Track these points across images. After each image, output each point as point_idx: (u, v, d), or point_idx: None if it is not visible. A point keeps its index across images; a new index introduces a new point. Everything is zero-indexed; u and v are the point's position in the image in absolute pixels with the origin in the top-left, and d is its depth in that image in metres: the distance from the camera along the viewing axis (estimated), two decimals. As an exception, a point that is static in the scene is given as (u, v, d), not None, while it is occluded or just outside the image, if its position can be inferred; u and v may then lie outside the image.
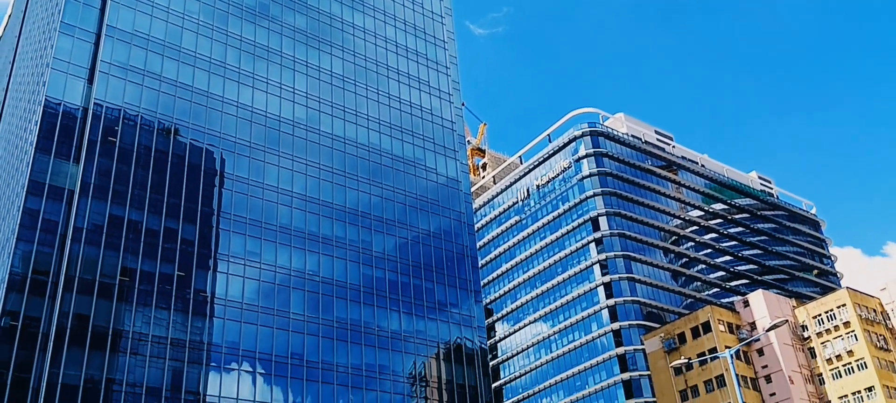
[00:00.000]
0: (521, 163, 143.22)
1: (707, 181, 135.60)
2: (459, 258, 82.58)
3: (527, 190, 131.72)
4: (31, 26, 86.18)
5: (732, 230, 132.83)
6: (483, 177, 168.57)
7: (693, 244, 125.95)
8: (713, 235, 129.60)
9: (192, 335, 62.99)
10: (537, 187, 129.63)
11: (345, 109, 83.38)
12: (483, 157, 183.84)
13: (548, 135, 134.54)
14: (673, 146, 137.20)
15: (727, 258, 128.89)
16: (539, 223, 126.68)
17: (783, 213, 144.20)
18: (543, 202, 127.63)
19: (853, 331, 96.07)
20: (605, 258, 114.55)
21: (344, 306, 72.17)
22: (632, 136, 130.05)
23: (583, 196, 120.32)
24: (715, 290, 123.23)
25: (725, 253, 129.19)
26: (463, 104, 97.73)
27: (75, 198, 62.31)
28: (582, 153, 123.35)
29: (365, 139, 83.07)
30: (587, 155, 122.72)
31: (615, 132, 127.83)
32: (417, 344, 74.72)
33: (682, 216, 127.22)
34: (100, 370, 57.73)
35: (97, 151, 64.96)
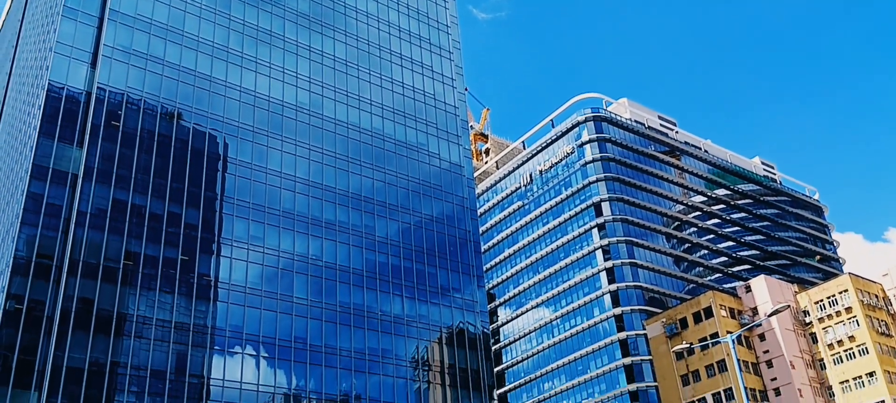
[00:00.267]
0: (524, 149, 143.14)
1: (710, 166, 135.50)
2: (462, 243, 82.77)
3: (529, 175, 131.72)
4: (34, 10, 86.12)
5: (735, 215, 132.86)
6: (486, 163, 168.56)
7: (695, 229, 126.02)
8: (716, 221, 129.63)
9: (196, 319, 63.34)
10: (540, 172, 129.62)
11: (347, 94, 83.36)
12: (486, 143, 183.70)
13: (551, 121, 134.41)
14: (676, 131, 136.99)
15: (729, 243, 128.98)
16: (542, 208, 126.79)
17: (786, 199, 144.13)
18: (546, 187, 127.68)
19: (855, 317, 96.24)
20: (608, 243, 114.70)
21: (347, 290, 72.48)
22: (635, 122, 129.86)
23: (586, 181, 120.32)
24: (717, 276, 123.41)
25: (728, 238, 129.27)
26: (466, 89, 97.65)
27: (79, 183, 62.50)
28: (585, 138, 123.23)
29: (368, 124, 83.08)
30: (590, 140, 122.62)
31: (618, 117, 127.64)
32: (420, 329, 75.05)
33: (685, 201, 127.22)
34: (104, 353, 58.13)
35: (100, 136, 65.09)
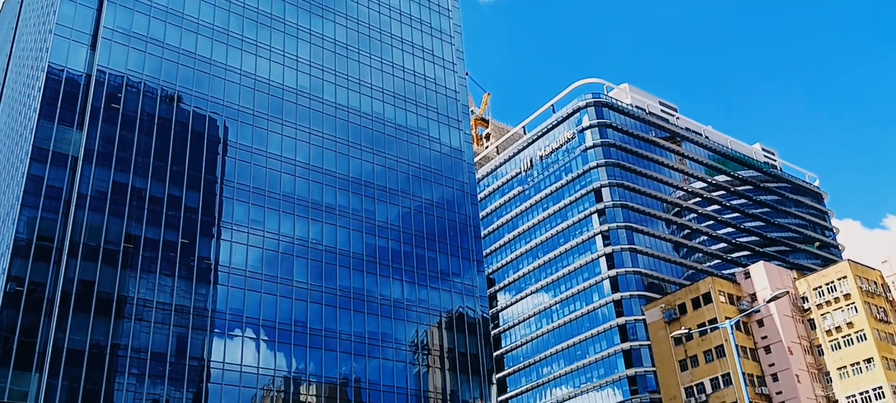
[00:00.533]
0: (525, 134, 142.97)
1: (710, 153, 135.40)
2: (462, 228, 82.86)
3: (530, 160, 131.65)
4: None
5: (735, 202, 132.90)
6: (486, 148, 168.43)
7: (695, 215, 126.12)
8: (715, 207, 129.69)
9: (197, 302, 63.52)
10: (540, 158, 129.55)
11: (348, 78, 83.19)
12: (486, 127, 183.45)
13: (552, 106, 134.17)
14: (677, 117, 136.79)
15: (729, 229, 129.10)
16: (542, 194, 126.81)
17: (786, 185, 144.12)
18: (546, 173, 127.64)
19: (853, 303, 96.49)
20: (608, 229, 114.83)
21: (347, 274, 72.63)
22: (636, 107, 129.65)
23: (586, 167, 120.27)
24: (716, 262, 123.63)
25: (727, 224, 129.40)
26: (467, 73, 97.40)
27: (79, 165, 62.51)
28: (585, 124, 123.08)
29: (368, 108, 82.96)
30: (591, 126, 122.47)
31: (619, 103, 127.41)
32: (420, 313, 75.27)
33: (685, 187, 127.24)
34: (105, 335, 58.34)
35: (100, 118, 65.03)
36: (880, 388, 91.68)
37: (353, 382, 69.16)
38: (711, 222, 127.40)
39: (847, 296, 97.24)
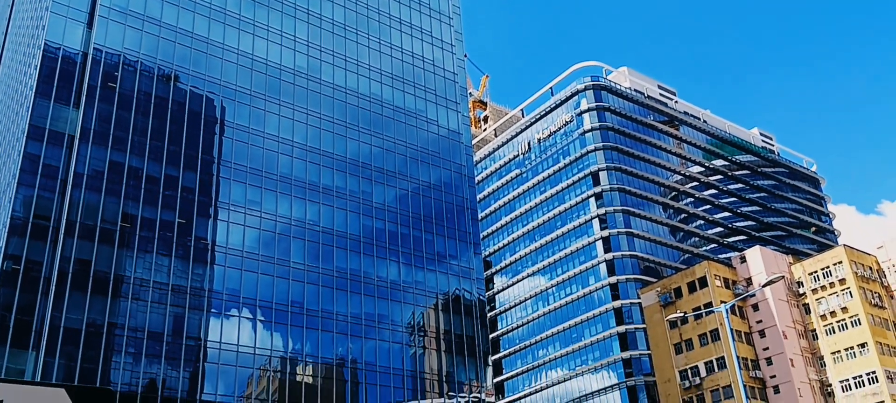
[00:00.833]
0: (523, 117, 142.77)
1: (708, 137, 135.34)
2: (459, 210, 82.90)
3: (528, 143, 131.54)
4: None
5: (732, 186, 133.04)
6: (484, 130, 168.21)
7: (692, 200, 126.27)
8: (713, 191, 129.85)
9: (193, 282, 63.61)
10: (538, 141, 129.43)
11: (346, 58, 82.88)
12: (485, 110, 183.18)
13: (550, 89, 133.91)
14: (676, 101, 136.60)
15: (726, 214, 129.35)
16: (539, 177, 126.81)
17: (783, 170, 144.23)
18: (544, 156, 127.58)
19: (848, 288, 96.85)
20: (605, 212, 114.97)
21: (344, 256, 72.73)
22: (634, 91, 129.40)
23: (584, 150, 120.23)
24: (713, 246, 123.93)
25: (724, 209, 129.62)
26: (465, 55, 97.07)
27: (75, 144, 62.35)
28: (584, 107, 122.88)
29: (366, 89, 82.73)
30: (589, 109, 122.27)
31: (618, 86, 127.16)
32: (416, 295, 75.47)
33: (683, 172, 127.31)
34: (102, 314, 58.45)
35: (97, 97, 64.80)
36: (874, 373, 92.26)
37: (350, 363, 69.45)
38: (708, 206, 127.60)
39: (842, 281, 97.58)
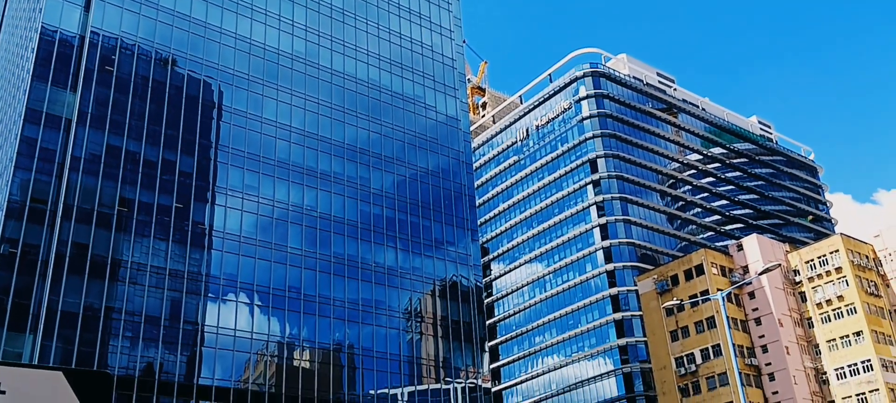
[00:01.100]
0: (522, 103, 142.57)
1: (707, 125, 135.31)
2: (457, 196, 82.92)
3: (526, 130, 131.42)
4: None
5: (730, 174, 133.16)
6: (483, 117, 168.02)
7: (690, 187, 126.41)
8: (710, 179, 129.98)
9: (191, 266, 63.66)
10: (537, 127, 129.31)
11: (344, 44, 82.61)
12: (483, 96, 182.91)
13: (549, 75, 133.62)
14: (674, 89, 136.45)
15: (723, 202, 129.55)
16: (537, 163, 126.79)
17: (781, 158, 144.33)
18: (542, 143, 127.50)
19: (845, 277, 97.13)
20: (602, 200, 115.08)
21: (341, 241, 72.78)
22: (633, 78, 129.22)
23: (582, 137, 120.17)
24: (710, 234, 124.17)
25: (722, 197, 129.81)
26: (464, 41, 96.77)
27: (73, 127, 62.21)
28: (582, 94, 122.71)
29: (364, 74, 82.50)
30: (588, 96, 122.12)
31: (617, 73, 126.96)
32: (413, 281, 75.58)
33: (681, 159, 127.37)
34: (99, 298, 58.51)
35: (94, 80, 64.58)
36: (869, 361, 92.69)
37: (347, 348, 69.64)
38: (706, 194, 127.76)
39: (838, 270, 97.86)
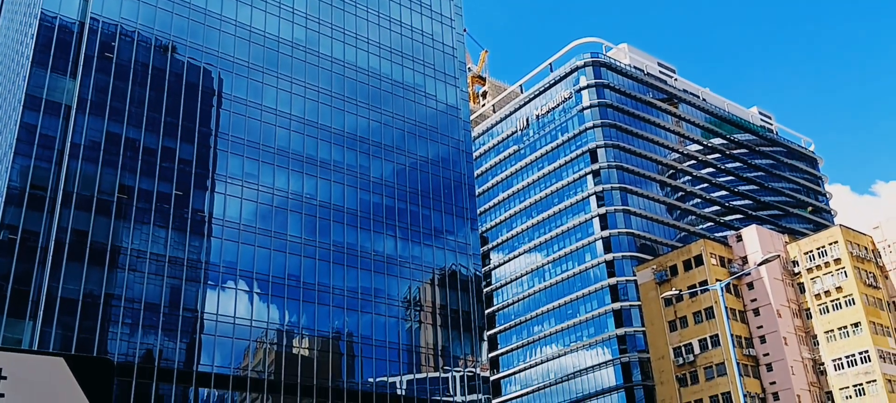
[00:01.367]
0: (522, 93, 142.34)
1: (707, 115, 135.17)
2: (456, 186, 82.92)
3: (526, 119, 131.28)
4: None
5: (730, 165, 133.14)
6: (483, 106, 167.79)
7: (690, 178, 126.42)
8: (710, 170, 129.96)
9: (190, 254, 63.72)
10: (537, 117, 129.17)
11: (344, 32, 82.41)
12: (483, 85, 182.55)
13: (549, 65, 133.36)
14: (675, 79, 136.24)
15: (723, 193, 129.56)
16: (537, 153, 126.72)
17: (781, 150, 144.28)
18: (542, 132, 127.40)
19: (843, 268, 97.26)
20: (602, 190, 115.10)
21: (341, 230, 72.83)
22: (634, 68, 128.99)
23: (582, 127, 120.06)
24: (709, 224, 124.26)
25: (722, 187, 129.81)
26: (464, 30, 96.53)
27: (72, 114, 62.14)
28: (583, 84, 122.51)
29: (364, 63, 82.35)
30: (588, 86, 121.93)
31: (617, 63, 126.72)
32: (413, 270, 75.68)
33: (681, 150, 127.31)
34: (98, 285, 58.60)
35: (94, 67, 64.47)
36: (866, 352, 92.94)
37: (346, 336, 69.81)
38: (705, 185, 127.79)
39: (837, 261, 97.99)
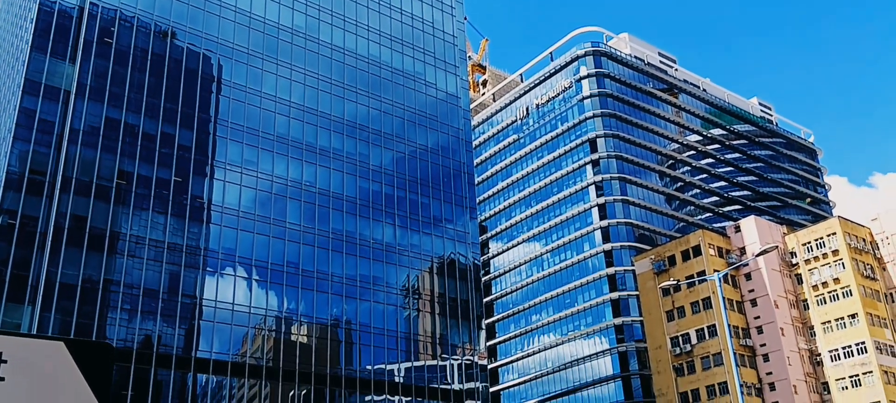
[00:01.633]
0: (522, 82, 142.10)
1: (707, 105, 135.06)
2: (456, 174, 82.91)
3: (526, 108, 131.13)
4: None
5: (729, 156, 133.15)
6: (483, 94, 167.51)
7: (689, 168, 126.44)
8: (710, 160, 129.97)
9: (189, 240, 63.78)
10: (537, 106, 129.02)
11: (345, 19, 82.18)
12: (483, 74, 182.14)
13: (550, 54, 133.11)
14: (676, 69, 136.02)
15: (722, 183, 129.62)
16: (537, 142, 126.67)
17: (781, 141, 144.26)
18: (542, 121, 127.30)
19: (841, 259, 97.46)
20: (601, 179, 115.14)
21: (340, 217, 72.87)
22: (634, 58, 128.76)
23: (582, 116, 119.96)
24: (708, 215, 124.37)
25: (721, 178, 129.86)
26: (465, 18, 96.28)
27: (71, 99, 62.04)
28: (583, 73, 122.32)
29: (364, 50, 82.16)
30: (588, 75, 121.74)
31: (618, 53, 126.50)
32: (411, 258, 75.79)
33: (680, 140, 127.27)
34: (97, 270, 58.67)
35: (93, 52, 64.32)
36: (863, 343, 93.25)
37: (344, 323, 69.97)
38: (705, 175, 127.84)
39: (835, 252, 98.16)
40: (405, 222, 76.89)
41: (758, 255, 37.81)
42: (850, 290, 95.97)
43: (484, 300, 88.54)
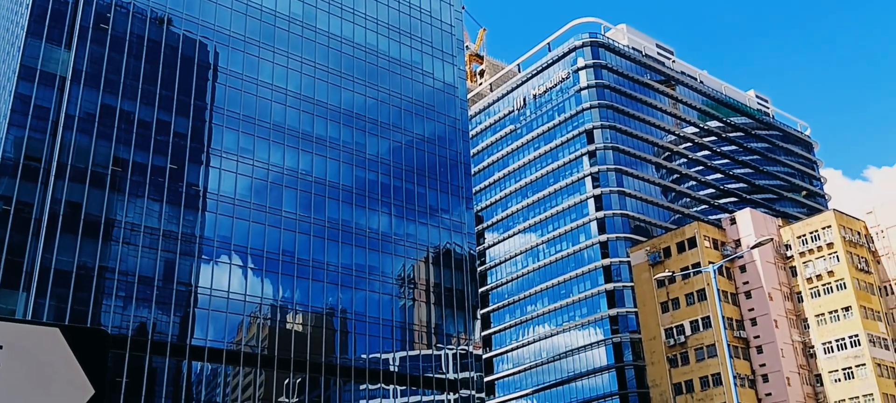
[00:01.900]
0: (520, 72, 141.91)
1: (704, 98, 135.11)
2: (452, 164, 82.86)
3: (523, 99, 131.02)
4: None
5: (726, 148, 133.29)
6: (480, 85, 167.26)
7: (685, 160, 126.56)
8: (706, 153, 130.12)
9: (185, 228, 63.68)
10: (534, 97, 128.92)
11: (342, 7, 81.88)
12: (481, 64, 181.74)
13: (548, 44, 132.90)
14: (673, 61, 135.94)
15: (718, 176, 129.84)
16: (533, 133, 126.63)
17: (777, 133, 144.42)
18: (539, 112, 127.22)
19: (836, 252, 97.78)
20: (598, 171, 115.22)
21: (336, 206, 72.82)
22: (632, 49, 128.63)
23: (579, 107, 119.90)
24: (703, 207, 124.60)
25: (717, 170, 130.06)
26: (463, 7, 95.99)
27: (67, 85, 61.77)
28: (581, 64, 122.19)
29: (361, 39, 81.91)
30: (586, 66, 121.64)
31: (615, 44, 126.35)
32: (407, 247, 75.81)
33: (677, 132, 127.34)
34: (92, 257, 58.57)
35: (89, 38, 64.01)
36: (856, 336, 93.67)
37: (339, 312, 70.03)
38: (701, 167, 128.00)
39: (830, 245, 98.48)
40: (401, 211, 76.87)
41: (753, 248, 37.88)
42: (845, 283, 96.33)
43: (479, 290, 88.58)
